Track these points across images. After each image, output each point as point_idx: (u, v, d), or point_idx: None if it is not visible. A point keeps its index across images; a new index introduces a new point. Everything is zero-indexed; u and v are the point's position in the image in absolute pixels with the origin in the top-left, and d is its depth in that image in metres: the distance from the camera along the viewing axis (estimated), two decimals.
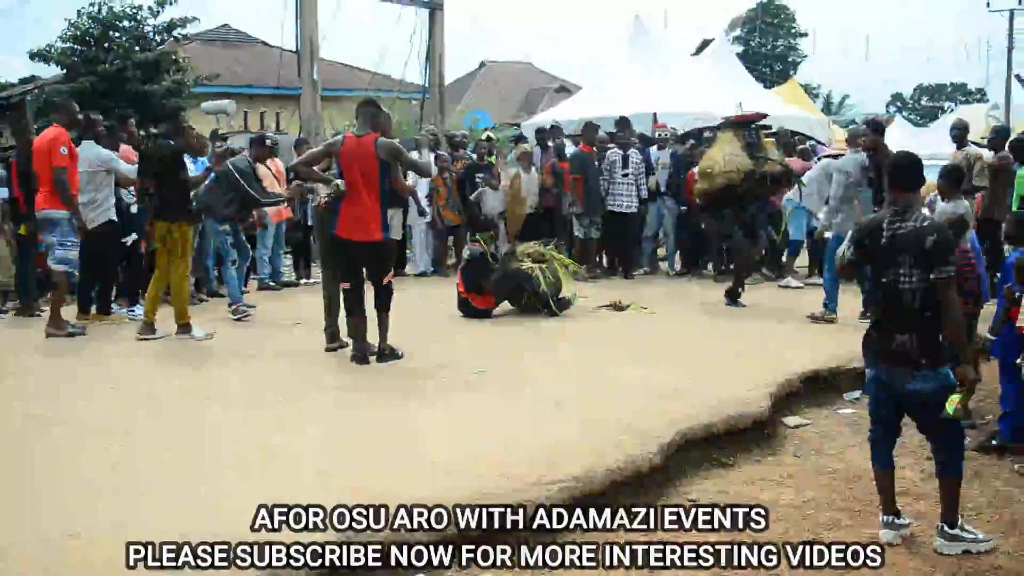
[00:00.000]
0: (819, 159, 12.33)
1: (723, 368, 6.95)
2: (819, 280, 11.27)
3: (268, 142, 10.60)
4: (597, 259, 12.74)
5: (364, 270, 7.28)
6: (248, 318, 9.10)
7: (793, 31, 60.40)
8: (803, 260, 12.35)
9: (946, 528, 4.33)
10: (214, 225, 9.42)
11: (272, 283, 11.28)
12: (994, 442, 5.73)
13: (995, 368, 6.19)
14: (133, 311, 9.01)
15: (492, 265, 9.27)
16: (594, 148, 12.04)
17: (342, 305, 7.35)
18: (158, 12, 18.74)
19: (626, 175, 11.80)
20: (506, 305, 9.46)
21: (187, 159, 8.70)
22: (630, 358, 7.42)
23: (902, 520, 4.46)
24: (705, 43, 20.93)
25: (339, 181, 7.08)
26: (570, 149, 12.63)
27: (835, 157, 10.83)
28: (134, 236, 9.17)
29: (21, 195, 9.13)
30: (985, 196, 9.98)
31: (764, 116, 10.28)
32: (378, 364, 7.16)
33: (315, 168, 7.49)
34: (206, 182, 8.93)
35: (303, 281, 11.80)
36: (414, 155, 7.79)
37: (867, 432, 4.72)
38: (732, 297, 9.84)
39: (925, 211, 4.77)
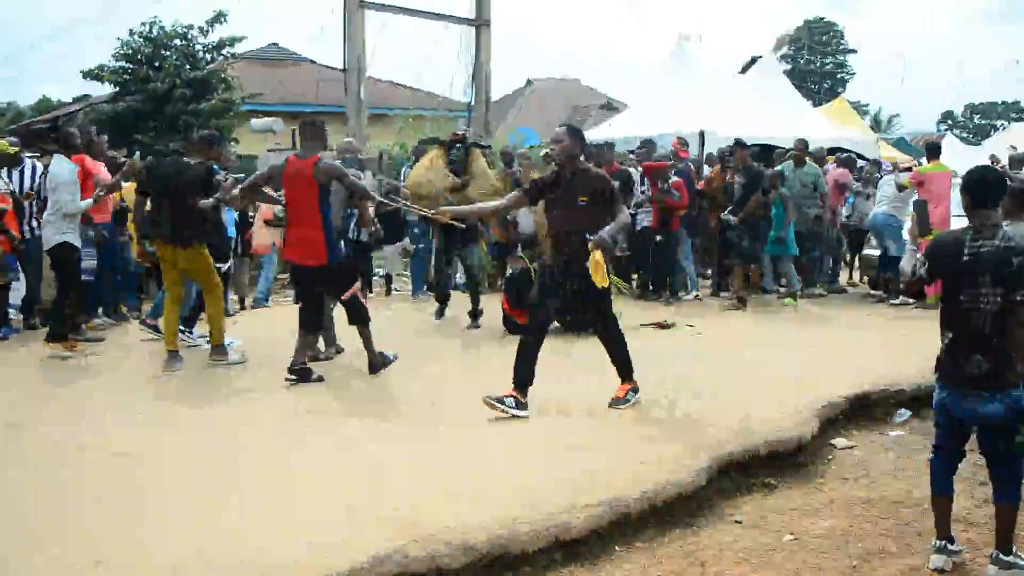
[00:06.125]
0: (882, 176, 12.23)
1: (768, 389, 6.80)
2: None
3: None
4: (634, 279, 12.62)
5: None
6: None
7: (841, 48, 60.00)
8: None
9: (1000, 555, 4.18)
10: None
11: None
12: None
13: None
14: (192, 334, 8.61)
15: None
16: (617, 167, 11.74)
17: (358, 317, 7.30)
18: (208, 31, 18.96)
19: (644, 191, 11.62)
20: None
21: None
22: (673, 379, 7.26)
23: (955, 547, 4.33)
24: (753, 60, 20.78)
25: (278, 207, 6.95)
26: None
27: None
28: (230, 264, 8.77)
29: None
30: None
31: (463, 137, 10.18)
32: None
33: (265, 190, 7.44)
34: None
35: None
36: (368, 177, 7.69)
37: (914, 456, 4.59)
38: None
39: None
